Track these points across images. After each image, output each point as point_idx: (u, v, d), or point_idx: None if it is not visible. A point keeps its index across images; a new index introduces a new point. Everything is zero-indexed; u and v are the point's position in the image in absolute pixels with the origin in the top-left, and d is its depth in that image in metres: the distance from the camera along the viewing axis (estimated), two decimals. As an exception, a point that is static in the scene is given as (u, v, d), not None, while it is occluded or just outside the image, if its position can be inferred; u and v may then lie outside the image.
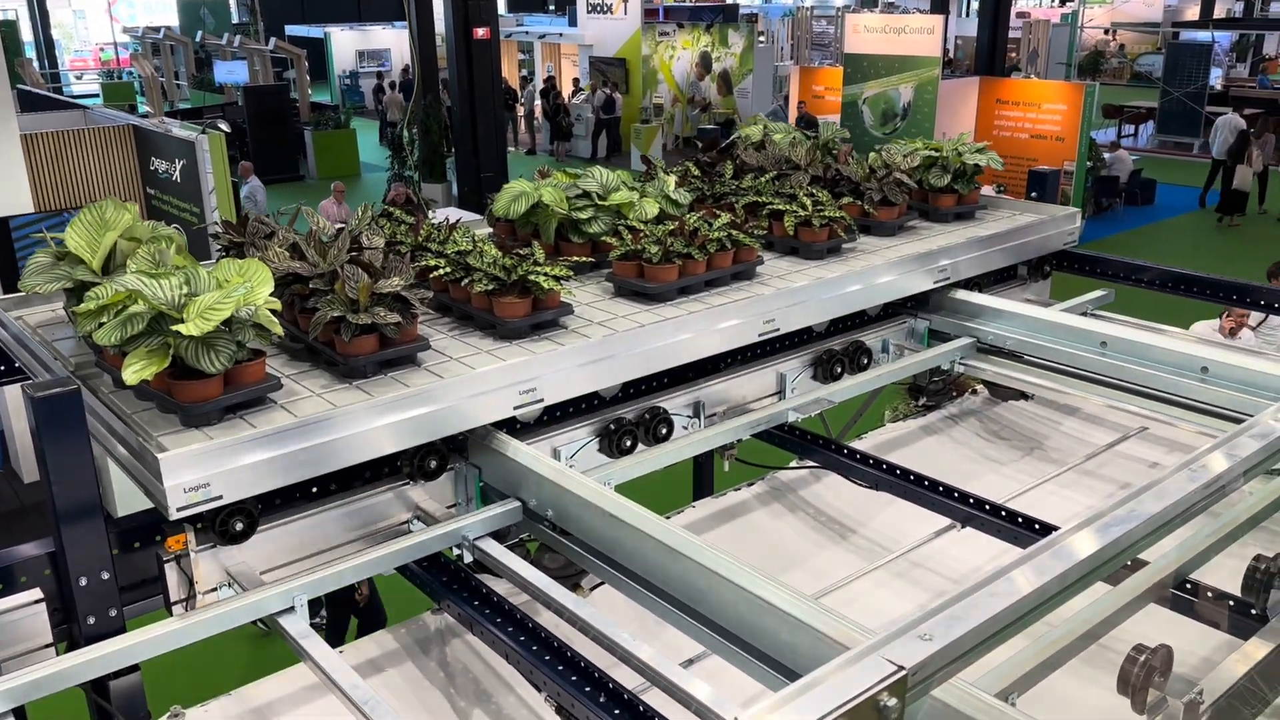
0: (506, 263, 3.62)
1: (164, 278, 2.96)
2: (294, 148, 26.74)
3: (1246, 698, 2.65)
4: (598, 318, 3.82)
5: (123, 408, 3.10)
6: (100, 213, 3.40)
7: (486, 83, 22.30)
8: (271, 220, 3.93)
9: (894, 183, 4.76)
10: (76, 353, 3.50)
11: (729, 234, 4.09)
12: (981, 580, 2.07)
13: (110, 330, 2.90)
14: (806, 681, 1.72)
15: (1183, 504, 2.48)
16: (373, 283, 3.28)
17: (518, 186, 4.28)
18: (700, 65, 31.01)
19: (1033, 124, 21.56)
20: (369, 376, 3.29)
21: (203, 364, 2.89)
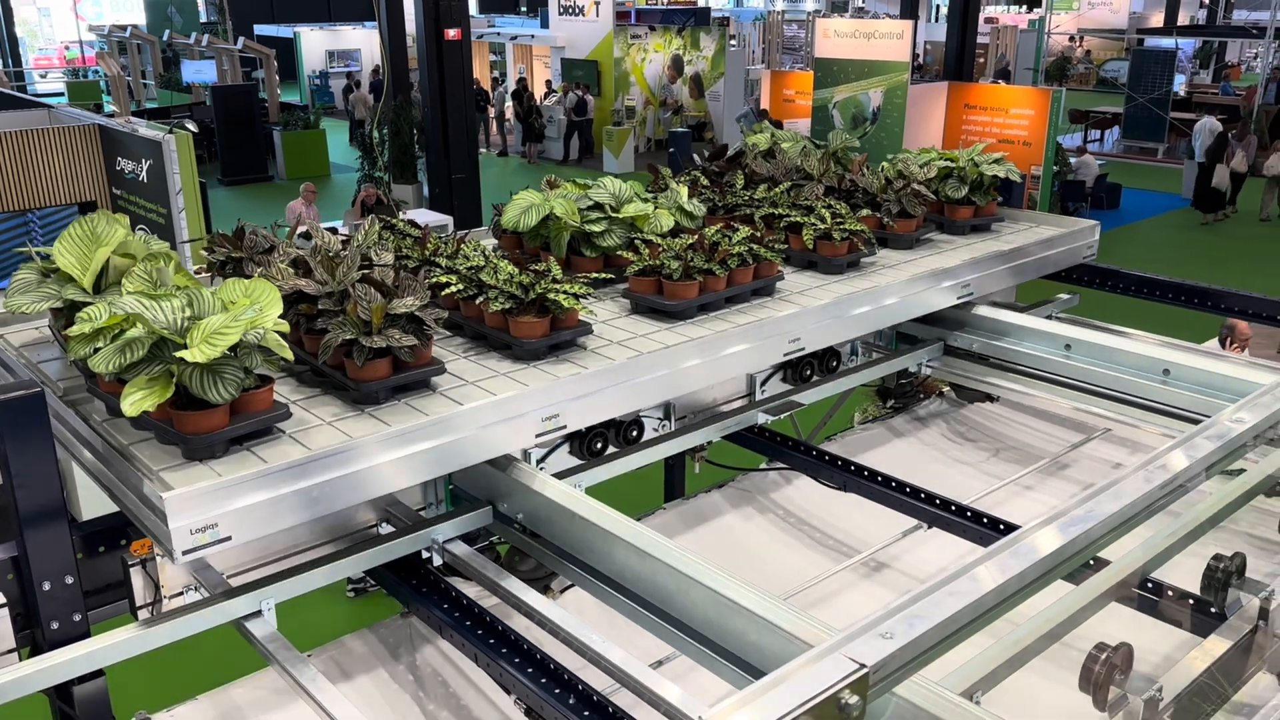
0: (524, 280, 3.43)
1: (165, 299, 2.75)
2: (263, 148, 26.35)
3: (1205, 694, 2.72)
4: (616, 337, 3.63)
5: (119, 438, 2.88)
6: (91, 227, 3.17)
7: (458, 84, 22.04)
8: (270, 232, 3.71)
9: (912, 194, 4.60)
10: (64, 375, 3.28)
11: (750, 248, 3.91)
12: (942, 579, 2.05)
13: (107, 357, 2.68)
14: (770, 680, 1.71)
15: (1140, 504, 2.49)
16: (386, 303, 3.07)
17: (527, 198, 4.08)
18: (672, 68, 30.85)
19: (1000, 129, 21.68)
20: (382, 403, 3.09)
21: (208, 393, 2.67)
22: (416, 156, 23.15)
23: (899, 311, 4.20)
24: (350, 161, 25.52)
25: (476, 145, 23.52)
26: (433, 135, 22.14)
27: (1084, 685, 2.46)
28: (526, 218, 3.97)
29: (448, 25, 21.87)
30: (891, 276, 4.25)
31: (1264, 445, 3.33)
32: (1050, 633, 2.62)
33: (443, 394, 3.16)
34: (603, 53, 29.90)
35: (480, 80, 31.51)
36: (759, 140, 5.30)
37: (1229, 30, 42.95)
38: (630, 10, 34.04)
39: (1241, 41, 43.20)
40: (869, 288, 4.08)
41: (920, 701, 2.05)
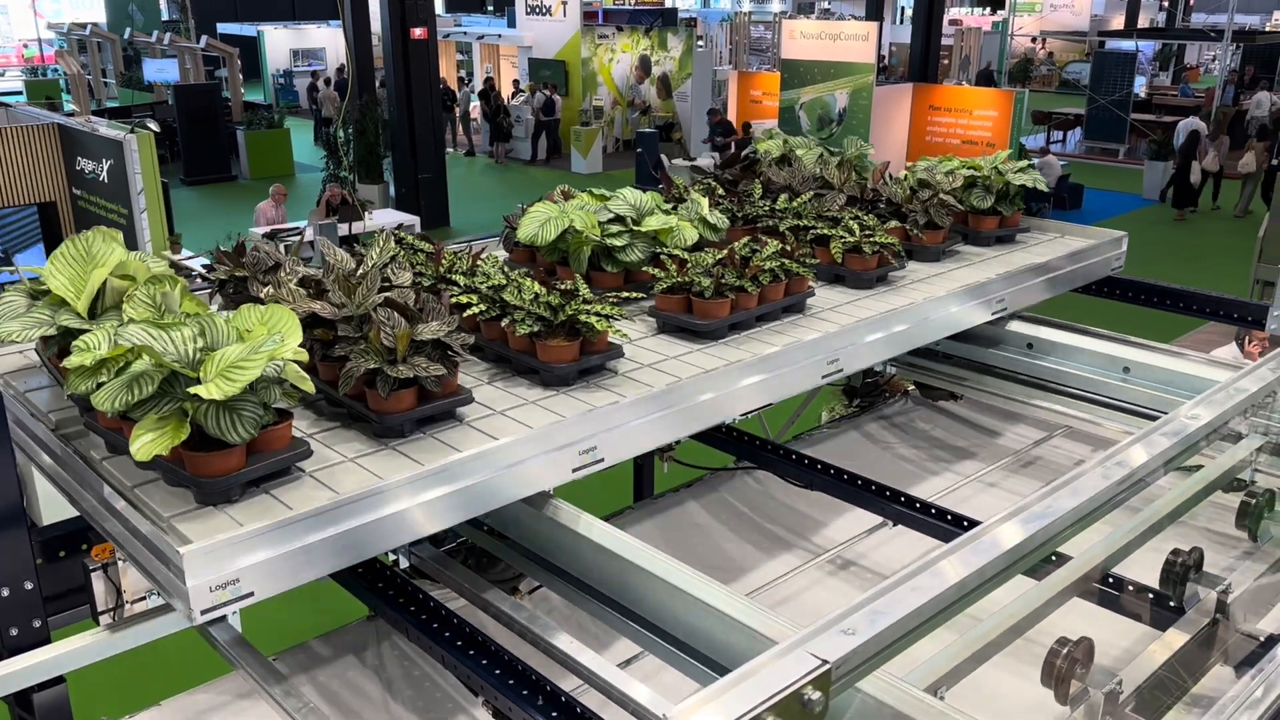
0: (552, 300, 3.20)
1: (175, 329, 2.50)
2: (226, 148, 26.03)
3: (1164, 687, 2.77)
4: (646, 359, 3.41)
5: (120, 479, 2.62)
6: (85, 245, 2.91)
7: (424, 83, 21.93)
8: (274, 248, 3.46)
9: (940, 204, 4.41)
10: (56, 407, 3.01)
11: (781, 263, 3.71)
12: (904, 575, 2.06)
13: (112, 393, 2.43)
14: (733, 677, 1.70)
15: (1098, 499, 2.50)
16: (411, 329, 2.83)
17: (543, 210, 3.85)
18: (640, 68, 30.69)
19: (964, 130, 21.79)
20: (407, 436, 2.85)
21: (225, 433, 2.43)
22: (382, 156, 22.97)
23: (937, 328, 4.01)
24: (315, 161, 25.19)
25: (443, 145, 23.35)
26: (399, 135, 22.03)
27: (1046, 680, 2.51)
28: (545, 231, 3.73)
29: (414, 24, 21.73)
30: (925, 291, 4.05)
31: (1220, 441, 3.34)
32: (1013, 627, 2.66)
33: (471, 425, 2.93)
34: (570, 53, 29.70)
35: (447, 80, 31.21)
36: (771, 147, 5.09)
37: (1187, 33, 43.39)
38: (598, 10, 33.83)
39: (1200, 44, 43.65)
40: (906, 304, 3.88)
41: (884, 697, 2.07)
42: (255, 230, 16.76)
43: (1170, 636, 2.92)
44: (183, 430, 2.39)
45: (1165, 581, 3.09)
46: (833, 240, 4.07)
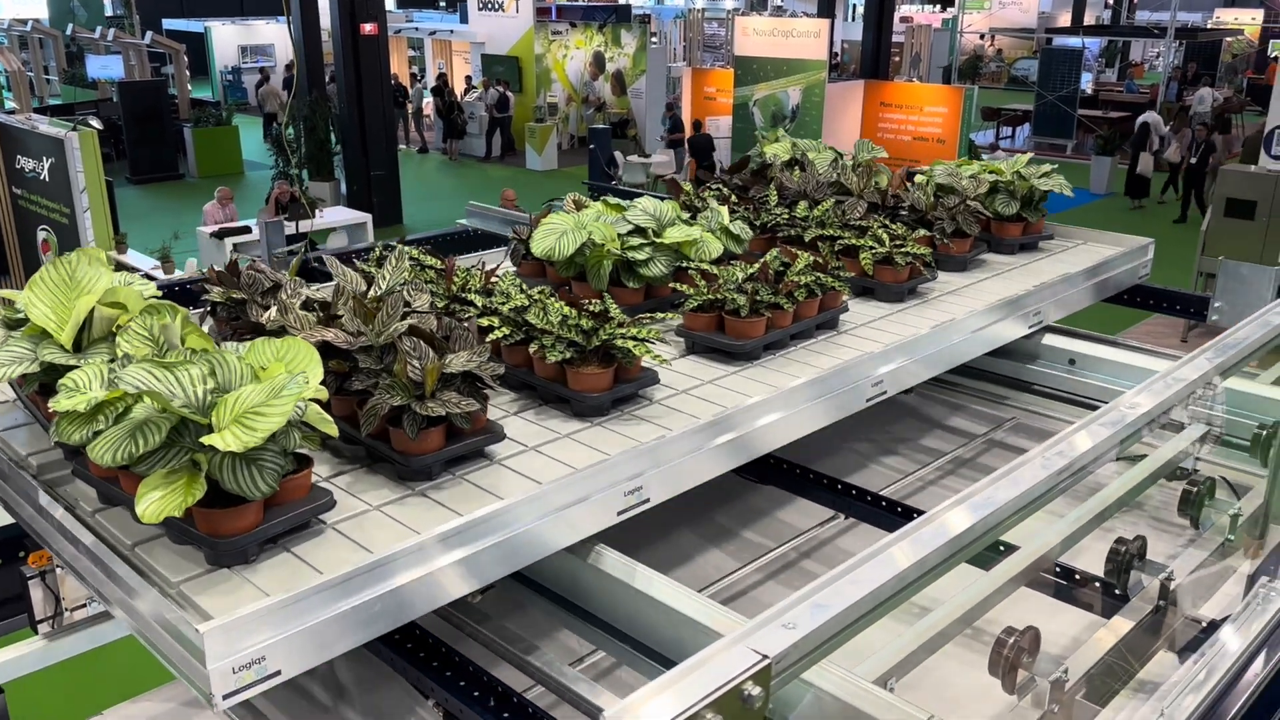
0: (584, 324, 2.92)
1: (181, 369, 2.19)
2: (173, 146, 25.41)
3: (1109, 674, 2.80)
4: (679, 383, 3.15)
5: (118, 536, 2.32)
6: (68, 270, 2.59)
7: (375, 79, 21.57)
8: (271, 268, 3.16)
9: (968, 211, 4.18)
10: (37, 449, 2.69)
11: (816, 277, 3.46)
12: (844, 568, 2.05)
13: (114, 445, 2.13)
14: (672, 674, 1.68)
15: (1038, 489, 2.49)
16: (439, 360, 2.55)
17: (558, 222, 3.57)
18: (594, 65, 30.38)
19: (915, 126, 21.82)
20: (435, 478, 2.56)
21: (245, 488, 2.13)
22: (333, 153, 22.53)
23: (977, 344, 3.78)
24: (265, 159, 24.66)
25: (395, 142, 22.98)
26: (350, 131, 21.66)
27: (993, 669, 2.52)
28: (563, 245, 3.45)
29: (363, 20, 21.37)
30: (961, 304, 3.82)
31: (1162, 430, 3.35)
32: (962, 618, 2.67)
33: (503, 465, 2.65)
34: (523, 49, 29.32)
35: (399, 76, 30.72)
36: (778, 150, 4.84)
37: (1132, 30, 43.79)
38: (551, 6, 33.44)
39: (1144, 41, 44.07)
40: (946, 319, 3.64)
41: (834, 689, 2.08)
42: (203, 230, 16.35)
43: (1115, 624, 2.97)
44: (196, 487, 2.09)
45: (1110, 570, 3.12)
46: (862, 251, 3.83)
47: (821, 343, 3.47)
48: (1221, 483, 3.71)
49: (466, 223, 8.30)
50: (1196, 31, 41.68)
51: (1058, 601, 3.14)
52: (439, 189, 25.38)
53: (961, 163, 4.59)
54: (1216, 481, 3.62)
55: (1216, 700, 2.60)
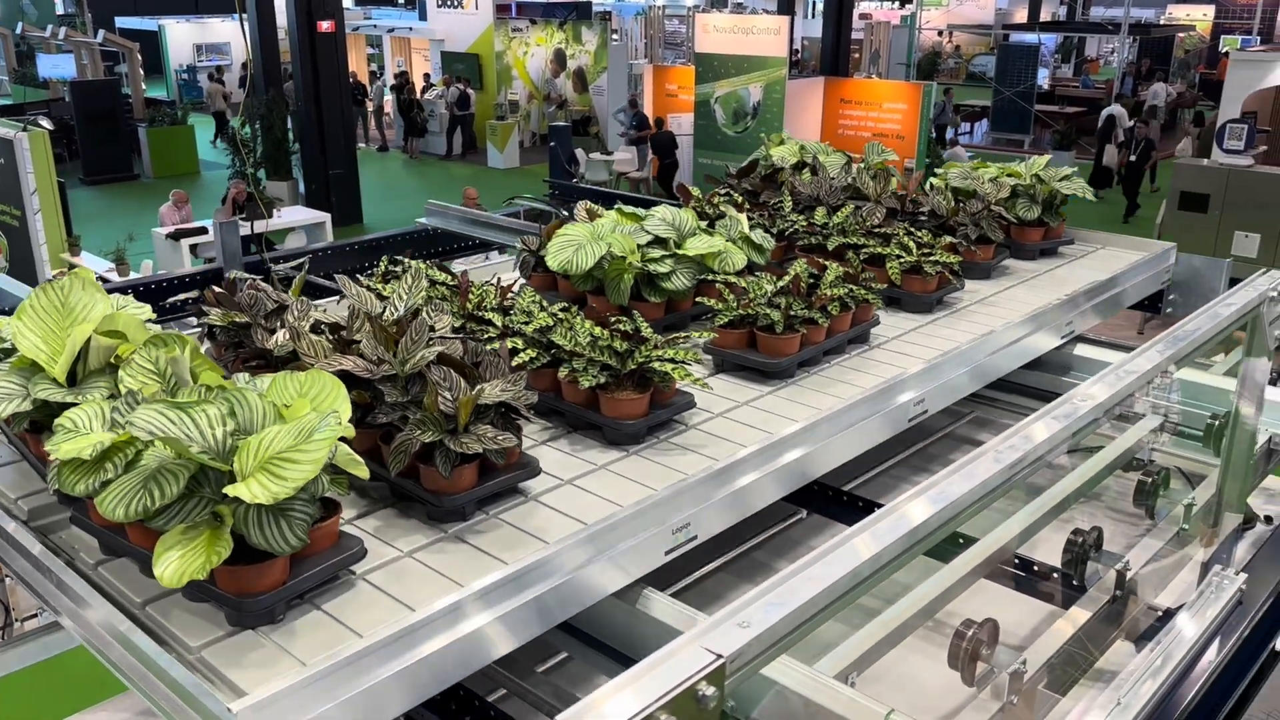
0: (617, 346, 2.72)
1: (197, 409, 1.97)
2: (127, 146, 24.87)
3: (1068, 664, 2.82)
4: (714, 405, 2.95)
5: (125, 592, 2.09)
6: (61, 296, 2.36)
7: (333, 77, 21.24)
8: (270, 286, 2.92)
9: (992, 217, 4.02)
10: (25, 490, 2.45)
11: (849, 290, 3.28)
12: (799, 565, 2.00)
13: (126, 497, 1.90)
14: (625, 677, 1.65)
15: (991, 482, 2.44)
16: (474, 391, 2.34)
17: (574, 233, 3.36)
18: (555, 62, 30.10)
19: (875, 123, 21.81)
20: (468, 519, 2.35)
21: (273, 542, 1.91)
22: (291, 152, 22.15)
23: (1013, 357, 3.61)
24: (222, 158, 24.24)
25: (354, 140, 22.66)
26: (307, 130, 21.29)
27: (952, 662, 2.54)
28: (580, 258, 3.24)
29: (320, 17, 21.05)
30: (994, 315, 3.65)
31: (1117, 421, 3.36)
32: (921, 611, 2.68)
33: (539, 502, 2.44)
34: (483, 46, 29.02)
35: (358, 74, 30.30)
36: (785, 153, 4.65)
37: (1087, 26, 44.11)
38: (511, 3, 33.14)
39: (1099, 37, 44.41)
40: (983, 332, 3.47)
41: (795, 686, 2.09)
42: (159, 231, 16.00)
43: (1073, 614, 3.00)
44: (220, 544, 1.87)
45: (1067, 561, 3.16)
46: (889, 260, 3.65)
47: (856, 358, 3.29)
48: (1176, 473, 3.81)
49: (426, 221, 8.10)
50: (1150, 27, 42.03)
51: (1017, 593, 3.18)
52: (400, 188, 25.04)
53: (977, 165, 4.43)
54: (1171, 472, 3.69)
55: (1172, 686, 2.67)
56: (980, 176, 4.26)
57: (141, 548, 2.07)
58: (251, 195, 17.31)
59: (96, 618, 2.04)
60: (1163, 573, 3.41)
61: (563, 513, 2.40)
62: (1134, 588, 3.16)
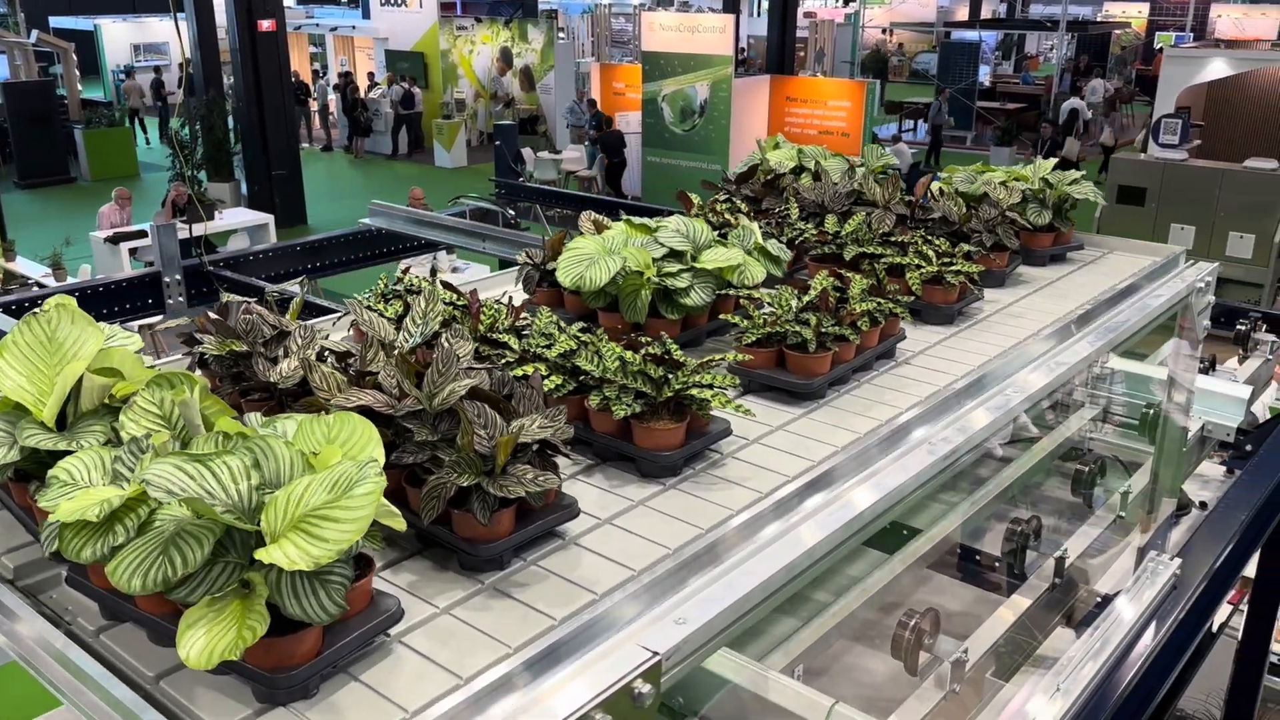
0: (651, 371, 2.52)
1: (217, 461, 1.74)
2: (63, 148, 24.32)
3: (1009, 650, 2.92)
4: (749, 430, 2.76)
5: (133, 664, 1.86)
6: (48, 329, 2.11)
7: (274, 77, 20.90)
8: (266, 309, 2.69)
9: (1007, 223, 3.87)
10: (9, 545, 2.21)
11: (877, 303, 3.11)
12: (735, 560, 2.02)
13: (142, 566, 1.67)
14: (563, 676, 1.62)
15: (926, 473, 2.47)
16: (513, 429, 2.13)
17: (585, 246, 3.16)
18: (501, 60, 29.81)
19: (820, 121, 21.83)
20: (505, 568, 2.15)
21: (310, 611, 1.69)
22: (233, 153, 21.68)
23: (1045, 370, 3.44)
24: (162, 161, 23.67)
25: (297, 140, 22.31)
26: (249, 131, 20.87)
27: (895, 652, 2.58)
28: (594, 274, 3.03)
29: (261, 16, 20.71)
30: (1019, 326, 3.48)
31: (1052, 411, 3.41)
32: (866, 603, 2.72)
33: (579, 545, 2.24)
34: (428, 44, 28.67)
35: (300, 73, 29.77)
36: (782, 157, 4.47)
37: (1027, 24, 44.58)
38: (455, 1, 32.73)
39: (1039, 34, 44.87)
40: (1010, 344, 3.31)
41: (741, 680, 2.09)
42: (97, 235, 15.54)
43: (1014, 602, 3.09)
44: (253, 618, 1.64)
45: (1007, 550, 3.22)
46: (908, 270, 3.48)
47: (886, 375, 3.12)
48: (1113, 462, 3.89)
49: (370, 222, 7.85)
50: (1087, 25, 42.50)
51: (957, 581, 3.26)
52: (345, 188, 24.64)
53: (981, 168, 4.28)
54: (1108, 461, 3.76)
55: (1112, 669, 2.72)
56: (990, 180, 4.11)
57: (151, 614, 1.85)
58: (192, 198, 16.88)
59: (104, 696, 1.80)
60: (1101, 559, 3.51)
61: (607, 557, 2.19)
62: (1073, 575, 3.26)
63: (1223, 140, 19.24)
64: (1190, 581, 3.17)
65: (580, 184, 23.31)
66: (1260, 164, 14.63)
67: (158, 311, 7.55)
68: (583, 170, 23.66)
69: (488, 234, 7.77)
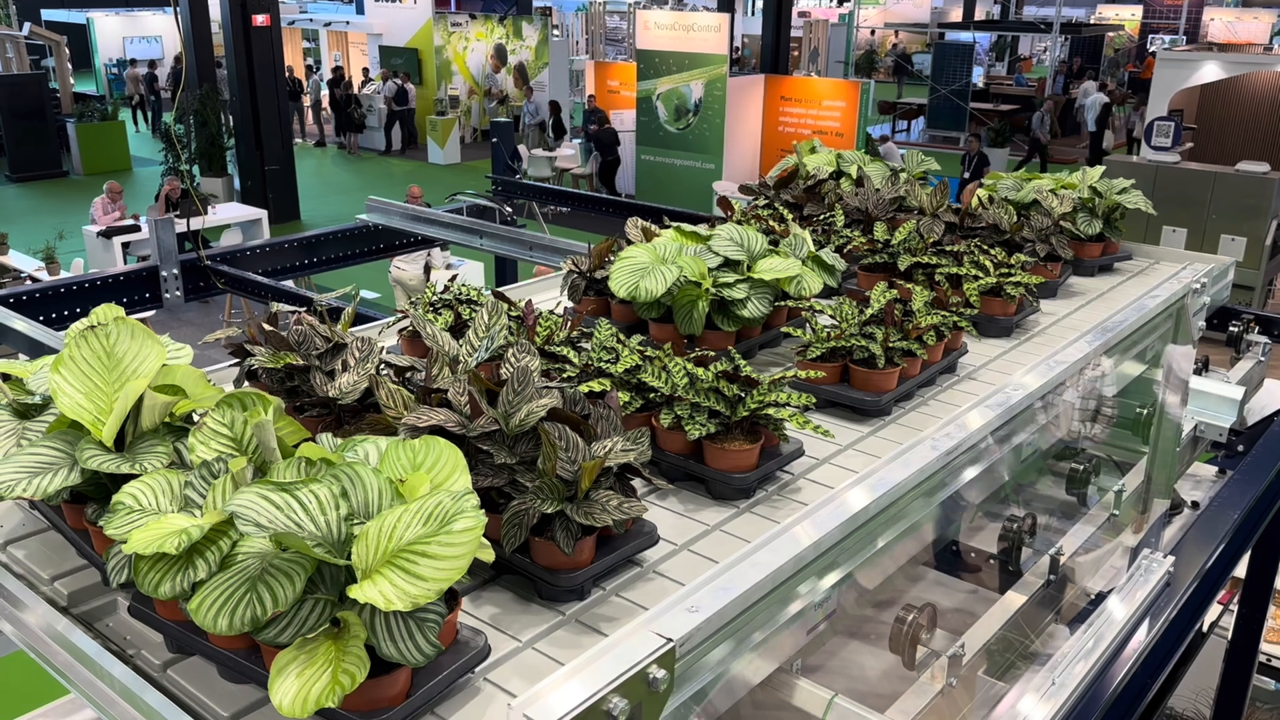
0: (724, 389, 2.42)
1: (304, 490, 1.63)
2: (55, 142, 24.10)
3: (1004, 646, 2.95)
4: (817, 450, 2.66)
5: (213, 707, 1.75)
6: (106, 344, 2.00)
7: (268, 72, 20.76)
8: (318, 319, 2.57)
9: (1061, 233, 3.78)
10: (61, 569, 2.09)
11: (943, 316, 3.01)
12: (745, 551, 2.03)
13: (228, 603, 1.56)
14: (577, 663, 1.64)
15: (928, 469, 2.45)
16: (600, 453, 2.03)
17: (638, 255, 3.05)
18: (495, 57, 29.65)
19: (814, 121, 21.78)
20: (585, 598, 2.04)
21: (406, 652, 1.59)
22: (226, 148, 21.50)
23: (1109, 384, 3.39)
24: (154, 155, 23.49)
25: (291, 136, 22.15)
26: (243, 126, 20.72)
27: (893, 646, 2.61)
28: (650, 283, 2.93)
29: (255, 11, 20.58)
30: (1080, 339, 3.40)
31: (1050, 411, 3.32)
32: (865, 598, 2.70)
33: (659, 574, 2.13)
34: (422, 40, 28.51)
35: (294, 68, 29.58)
36: (819, 161, 4.37)
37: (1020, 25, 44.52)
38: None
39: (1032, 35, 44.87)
40: (1076, 358, 3.21)
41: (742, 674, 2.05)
42: (90, 229, 15.39)
43: (1009, 598, 3.13)
44: (350, 660, 1.53)
45: (1002, 547, 3.25)
46: (966, 281, 3.39)
47: (951, 392, 3.02)
48: (1107, 461, 3.94)
49: (367, 218, 7.75)
50: (1081, 26, 42.57)
51: (953, 578, 3.29)
52: (338, 184, 24.48)
53: (1030, 176, 4.19)
54: (1102, 460, 3.81)
55: (1104, 667, 2.74)
56: (1040, 188, 4.01)
57: (224, 649, 1.74)
58: (186, 192, 16.73)
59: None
60: (1094, 557, 3.54)
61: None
62: (1067, 572, 3.30)
63: (1215, 143, 19.26)
64: (1183, 580, 3.18)
65: (574, 182, 23.19)
66: (1252, 167, 14.59)
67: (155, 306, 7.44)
68: (577, 168, 23.52)
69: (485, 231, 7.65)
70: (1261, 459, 3.99)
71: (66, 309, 5.66)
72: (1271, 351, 4.68)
